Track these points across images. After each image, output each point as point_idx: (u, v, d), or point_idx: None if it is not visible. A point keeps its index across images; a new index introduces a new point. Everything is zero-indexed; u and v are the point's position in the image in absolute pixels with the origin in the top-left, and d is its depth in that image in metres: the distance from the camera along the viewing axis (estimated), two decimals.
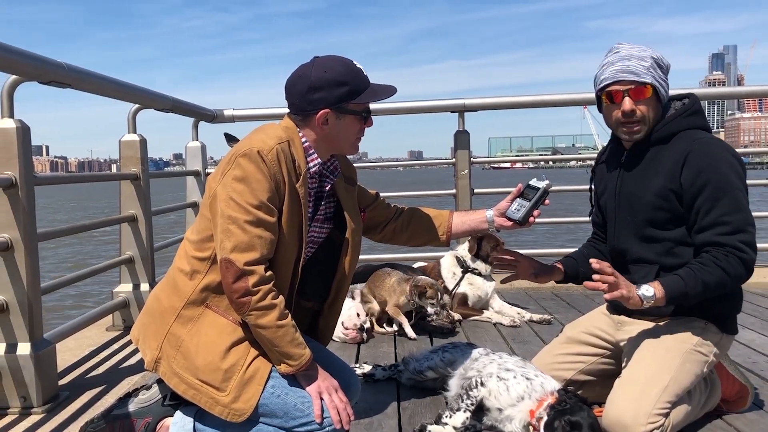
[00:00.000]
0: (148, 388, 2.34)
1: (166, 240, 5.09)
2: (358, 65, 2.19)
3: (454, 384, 2.59)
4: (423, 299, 3.65)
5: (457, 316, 4.08)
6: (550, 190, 2.43)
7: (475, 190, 5.34)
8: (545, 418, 2.18)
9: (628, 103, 2.31)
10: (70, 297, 10.10)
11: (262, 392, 2.07)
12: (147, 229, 4.09)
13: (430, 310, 3.70)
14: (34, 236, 2.77)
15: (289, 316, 2.08)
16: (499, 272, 2.78)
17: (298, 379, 2.12)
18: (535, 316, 4.15)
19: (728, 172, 2.23)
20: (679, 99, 2.43)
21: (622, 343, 2.49)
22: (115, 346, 3.70)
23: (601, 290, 2.19)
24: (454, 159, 5.37)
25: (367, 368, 3.04)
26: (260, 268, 2.02)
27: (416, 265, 4.54)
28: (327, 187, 2.32)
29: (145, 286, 4.05)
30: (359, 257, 2.44)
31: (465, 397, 2.39)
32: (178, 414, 2.24)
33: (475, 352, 2.67)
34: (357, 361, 3.27)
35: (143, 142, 4.10)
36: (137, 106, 4.10)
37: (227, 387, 2.07)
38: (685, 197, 2.27)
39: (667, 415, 2.21)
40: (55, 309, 8.72)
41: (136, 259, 4.07)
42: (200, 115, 5.26)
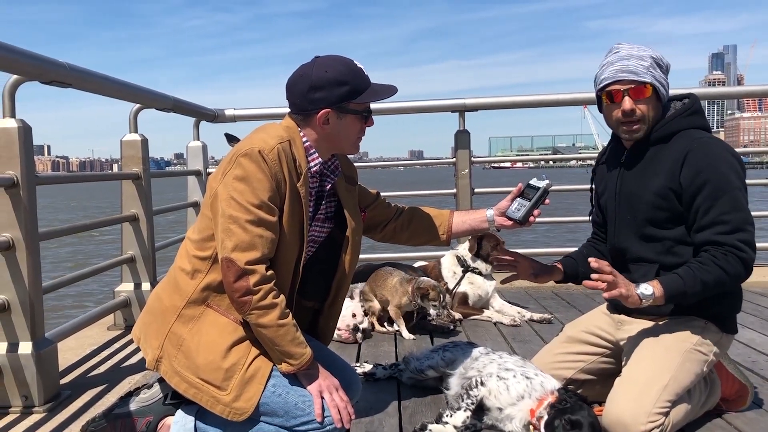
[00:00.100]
0: (150, 387, 2.35)
1: (167, 239, 5.09)
2: (358, 65, 2.20)
3: (454, 383, 2.59)
4: (425, 301, 3.65)
5: (457, 316, 4.09)
6: (550, 189, 2.43)
7: (476, 190, 5.34)
8: (545, 417, 2.19)
9: (628, 103, 2.32)
10: (70, 296, 10.10)
11: (263, 391, 2.07)
12: (148, 229, 4.09)
13: (433, 312, 3.70)
14: (35, 236, 2.77)
15: (290, 315, 2.08)
16: (500, 272, 2.78)
17: (299, 378, 2.12)
18: (536, 316, 4.15)
19: (727, 172, 2.23)
20: (680, 99, 2.44)
21: (622, 342, 2.49)
22: (117, 345, 3.70)
23: (600, 289, 2.20)
24: (454, 159, 5.36)
25: (368, 367, 3.04)
26: (261, 268, 2.02)
27: (417, 265, 4.53)
28: (328, 187, 2.32)
29: (146, 286, 4.06)
30: (360, 256, 2.45)
31: (465, 396, 2.39)
32: (180, 413, 2.25)
33: (475, 352, 2.67)
34: (358, 360, 3.27)
35: (144, 141, 4.10)
36: (138, 105, 4.10)
37: (228, 386, 2.07)
38: (684, 196, 2.28)
39: (667, 414, 2.21)
40: (56, 308, 8.72)
41: (138, 259, 4.08)
42: (201, 114, 5.26)
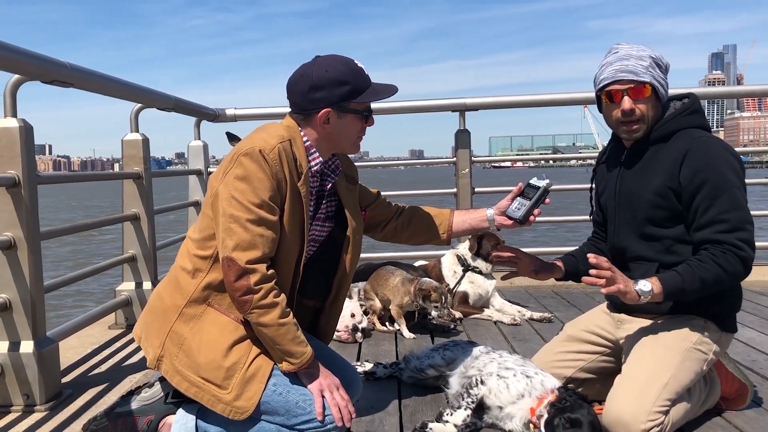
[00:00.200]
0: (151, 385, 2.35)
1: (168, 239, 5.09)
2: (359, 64, 2.20)
3: (454, 382, 2.59)
4: (427, 302, 3.65)
5: (457, 314, 4.09)
6: (550, 189, 2.44)
7: (476, 189, 5.34)
8: (545, 415, 2.19)
9: (627, 102, 2.33)
10: (70, 296, 10.10)
11: (264, 390, 2.08)
12: (149, 228, 4.09)
13: (434, 313, 3.70)
14: (37, 235, 2.77)
15: (291, 314, 2.09)
16: (500, 270, 2.79)
17: (300, 377, 2.13)
18: (536, 315, 4.16)
19: (726, 171, 2.24)
20: (679, 99, 2.44)
21: (622, 341, 2.50)
22: (118, 344, 3.70)
23: (598, 285, 2.21)
24: (454, 158, 5.36)
25: (369, 366, 3.04)
26: (262, 267, 2.02)
27: (417, 264, 4.54)
28: (328, 186, 2.32)
29: (147, 285, 4.06)
30: (360, 256, 2.46)
31: (466, 395, 2.39)
32: (181, 412, 2.25)
33: (475, 351, 2.67)
34: (358, 359, 3.28)
35: (146, 141, 4.10)
36: (140, 105, 4.11)
37: (229, 385, 2.07)
38: (683, 195, 2.28)
39: (666, 413, 2.22)
40: (56, 308, 8.72)
41: (139, 258, 4.08)
42: (202, 114, 5.26)
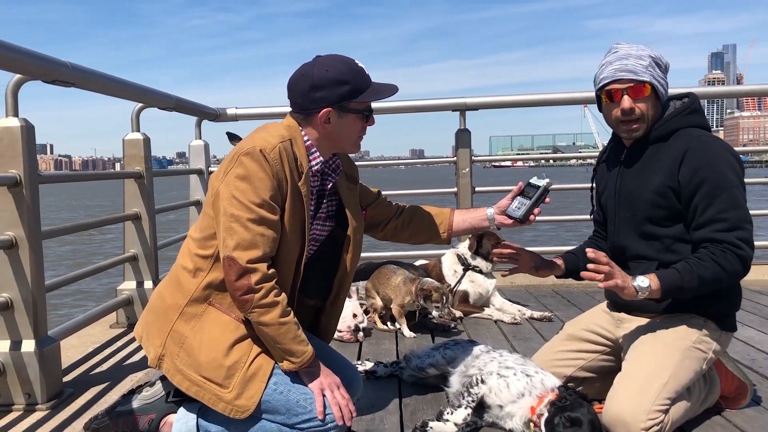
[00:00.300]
0: (152, 384, 2.36)
1: (169, 238, 5.10)
2: (359, 64, 2.20)
3: (455, 381, 2.60)
4: (428, 302, 3.65)
5: (458, 314, 4.09)
6: (550, 188, 2.44)
7: (476, 189, 5.34)
8: (546, 414, 2.19)
9: (627, 102, 2.33)
10: (69, 295, 10.11)
11: (265, 389, 2.08)
12: (150, 227, 4.10)
13: (435, 314, 3.71)
14: (38, 234, 2.78)
15: (292, 313, 2.09)
16: (500, 269, 2.80)
17: (301, 376, 2.13)
18: (536, 314, 4.16)
19: (726, 170, 2.24)
20: (679, 98, 2.45)
21: (622, 340, 2.50)
22: (119, 344, 3.71)
23: (596, 280, 2.21)
24: (455, 157, 5.36)
25: (369, 365, 3.05)
26: (263, 266, 2.03)
27: (418, 263, 4.54)
28: (329, 186, 2.33)
29: (148, 284, 4.07)
30: (360, 255, 2.46)
31: (466, 394, 2.40)
32: (182, 410, 2.26)
33: (476, 350, 2.67)
34: (359, 358, 3.28)
35: (147, 140, 4.11)
36: (141, 105, 4.11)
37: (230, 384, 2.08)
38: (682, 194, 2.28)
39: (666, 412, 2.22)
40: (56, 307, 8.73)
41: (140, 257, 4.08)
42: (203, 113, 5.27)
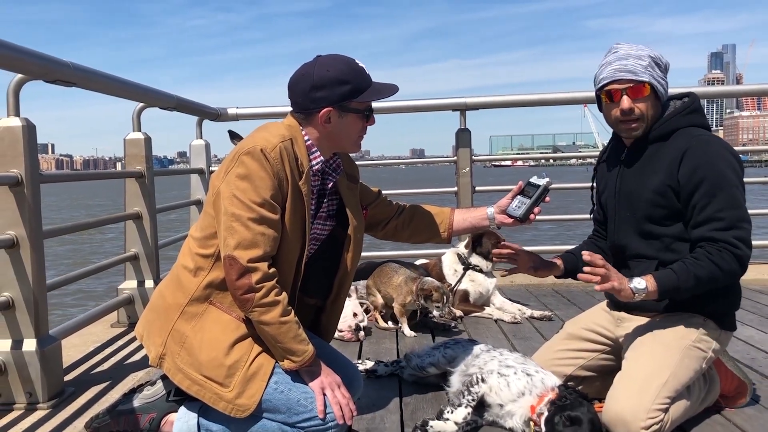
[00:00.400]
0: (153, 383, 2.37)
1: (170, 237, 5.10)
2: (360, 64, 2.21)
3: (455, 380, 2.60)
4: (428, 302, 3.65)
5: (458, 313, 4.10)
6: (550, 187, 2.45)
7: (477, 188, 5.34)
8: (546, 413, 2.19)
9: (626, 102, 2.34)
10: (69, 294, 10.12)
11: (266, 388, 2.09)
12: (151, 227, 4.10)
13: (436, 313, 3.71)
14: (39, 234, 2.78)
15: (292, 312, 2.10)
16: (501, 269, 2.81)
17: (302, 375, 2.14)
18: (536, 313, 4.17)
19: (725, 170, 2.24)
20: (679, 98, 2.45)
21: (621, 339, 2.51)
22: (120, 343, 3.71)
23: (593, 282, 2.22)
24: (455, 157, 5.36)
25: (370, 364, 3.05)
26: (263, 265, 2.03)
27: (418, 262, 4.55)
28: (329, 185, 2.33)
29: (149, 283, 4.07)
30: (361, 254, 2.47)
31: (466, 392, 2.40)
32: (182, 409, 2.26)
33: (476, 349, 2.68)
34: (359, 357, 3.28)
35: (148, 140, 4.11)
36: (142, 104, 4.11)
37: (231, 383, 2.08)
38: (682, 193, 2.29)
39: (666, 411, 2.23)
40: (55, 306, 8.73)
41: (141, 256, 4.09)
42: (204, 113, 5.27)
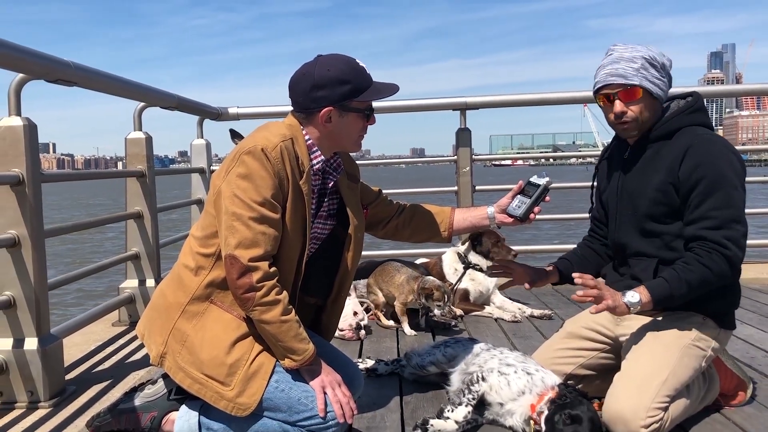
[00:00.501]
0: (154, 382, 2.37)
1: (171, 236, 5.11)
2: (361, 63, 2.21)
3: (455, 379, 2.61)
4: (430, 301, 3.66)
5: (458, 312, 4.11)
6: (550, 187, 2.45)
7: (477, 187, 5.34)
8: (546, 412, 2.20)
9: (618, 106, 2.35)
10: (69, 293, 10.12)
11: (267, 387, 2.09)
12: (152, 226, 4.10)
13: (437, 312, 3.71)
14: (41, 233, 2.78)
15: (293, 311, 2.10)
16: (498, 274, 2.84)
17: (302, 373, 2.14)
18: (536, 312, 4.17)
19: (725, 169, 2.24)
20: (683, 97, 2.45)
21: (621, 338, 2.51)
22: (121, 341, 3.72)
23: (587, 301, 2.25)
24: (455, 156, 5.36)
25: (370, 363, 3.06)
26: (264, 264, 2.04)
27: (418, 261, 4.55)
28: (330, 184, 2.34)
29: (150, 282, 4.07)
30: (362, 253, 2.47)
31: (466, 391, 2.40)
32: (183, 408, 2.27)
33: (476, 347, 2.68)
34: (360, 356, 3.29)
35: (149, 139, 4.11)
36: (143, 104, 4.12)
37: (232, 381, 2.09)
38: (681, 190, 2.29)
39: (666, 409, 2.23)
40: (54, 305, 8.72)
41: (142, 255, 4.09)
42: (205, 113, 5.27)
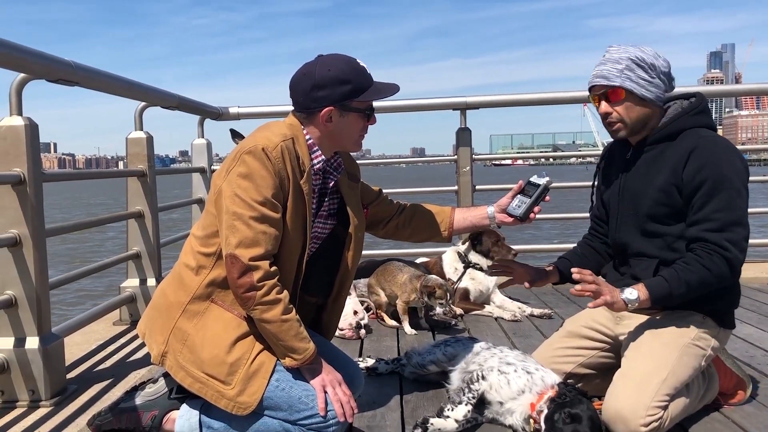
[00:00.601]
0: (155, 381, 2.38)
1: (172, 236, 5.11)
2: (361, 63, 2.21)
3: (456, 377, 2.61)
4: (432, 299, 3.67)
5: (458, 311, 4.11)
6: (550, 186, 2.46)
7: (477, 187, 5.34)
8: (546, 410, 2.20)
9: (603, 107, 2.40)
10: (69, 293, 10.12)
11: (267, 385, 2.10)
12: (153, 225, 4.11)
13: (439, 310, 3.71)
14: (42, 232, 2.79)
15: (294, 310, 2.11)
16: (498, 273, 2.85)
17: (303, 372, 2.14)
18: (536, 311, 4.17)
19: (729, 172, 2.24)
20: (686, 98, 2.45)
21: (621, 337, 2.52)
22: (122, 341, 3.72)
23: (585, 296, 2.26)
24: (456, 156, 5.37)
25: (371, 362, 3.06)
26: (265, 264, 2.04)
27: (418, 261, 4.56)
28: (330, 184, 2.34)
29: (151, 281, 4.08)
30: (362, 253, 2.48)
31: (467, 390, 2.41)
32: (184, 407, 2.27)
33: (476, 346, 2.69)
34: (360, 355, 3.29)
35: (150, 139, 4.12)
36: (144, 103, 4.12)
37: (233, 380, 2.09)
38: (685, 192, 2.29)
39: (665, 408, 2.23)
40: (56, 305, 8.73)
41: (143, 255, 4.10)
42: (206, 112, 5.28)
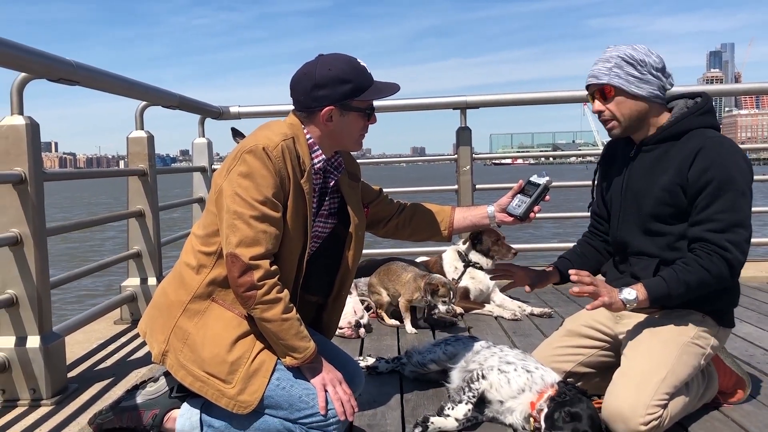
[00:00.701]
0: (156, 380, 2.38)
1: (173, 235, 5.11)
2: (362, 63, 2.22)
3: (456, 376, 2.62)
4: (435, 297, 3.67)
5: (459, 310, 4.11)
6: (550, 186, 2.46)
7: (477, 186, 5.34)
8: (545, 409, 2.21)
9: (595, 105, 2.43)
10: (69, 292, 10.12)
11: (268, 384, 2.10)
12: (154, 224, 4.11)
13: (442, 308, 3.72)
14: (43, 231, 2.79)
15: (294, 309, 2.11)
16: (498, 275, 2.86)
17: (303, 371, 2.15)
18: (536, 310, 4.17)
19: (734, 174, 2.24)
20: (691, 97, 2.45)
21: (621, 336, 2.52)
22: (123, 339, 3.73)
23: (586, 297, 2.27)
24: (456, 155, 5.37)
25: (371, 361, 3.07)
26: (265, 263, 2.05)
27: (418, 260, 4.56)
28: (331, 183, 2.35)
29: (152, 280, 4.08)
30: (362, 252, 2.48)
31: (467, 389, 2.41)
32: (185, 406, 2.28)
33: (476, 345, 2.69)
34: (361, 354, 3.30)
35: (150, 138, 4.12)
36: (145, 103, 4.12)
37: (233, 379, 2.10)
38: (689, 192, 2.29)
39: (665, 407, 2.24)
40: (56, 304, 8.71)
41: (144, 254, 4.10)
42: (206, 112, 5.28)
